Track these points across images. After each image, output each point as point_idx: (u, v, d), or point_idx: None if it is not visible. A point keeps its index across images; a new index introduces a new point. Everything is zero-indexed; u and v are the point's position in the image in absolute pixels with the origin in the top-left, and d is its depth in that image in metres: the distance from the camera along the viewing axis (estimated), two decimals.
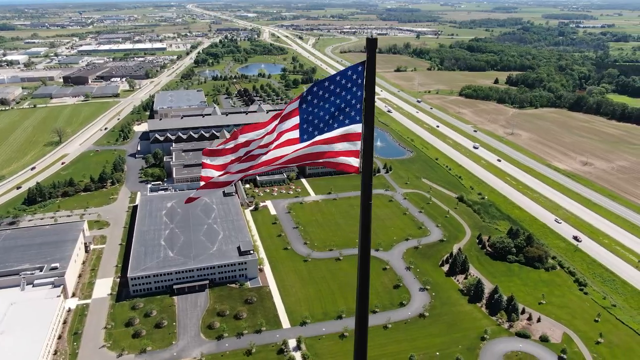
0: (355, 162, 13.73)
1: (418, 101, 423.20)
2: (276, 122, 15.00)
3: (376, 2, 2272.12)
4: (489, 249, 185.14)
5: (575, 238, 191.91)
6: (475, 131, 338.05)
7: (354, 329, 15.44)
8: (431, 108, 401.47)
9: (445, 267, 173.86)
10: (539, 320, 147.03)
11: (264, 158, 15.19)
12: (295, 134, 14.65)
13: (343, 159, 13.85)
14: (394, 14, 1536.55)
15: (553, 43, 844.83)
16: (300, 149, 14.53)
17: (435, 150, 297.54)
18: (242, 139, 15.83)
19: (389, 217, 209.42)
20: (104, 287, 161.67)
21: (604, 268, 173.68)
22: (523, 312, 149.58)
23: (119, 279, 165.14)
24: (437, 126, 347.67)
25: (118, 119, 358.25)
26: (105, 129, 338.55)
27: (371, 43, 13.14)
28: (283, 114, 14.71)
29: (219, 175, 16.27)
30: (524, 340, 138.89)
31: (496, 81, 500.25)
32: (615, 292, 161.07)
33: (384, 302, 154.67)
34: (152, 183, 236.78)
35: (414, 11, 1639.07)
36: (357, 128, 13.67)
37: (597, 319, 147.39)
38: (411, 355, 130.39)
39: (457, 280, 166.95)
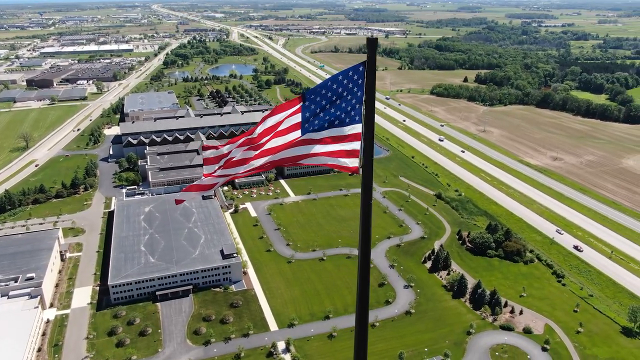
0: (355, 162, 13.70)
1: (387, 98, 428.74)
2: (276, 120, 14.68)
3: (343, 2, 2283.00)
4: (469, 245, 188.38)
5: (558, 231, 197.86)
6: (441, 126, 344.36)
7: (354, 328, 15.39)
8: (400, 104, 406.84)
9: (428, 264, 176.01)
10: (521, 312, 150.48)
11: (265, 158, 14.93)
12: (297, 133, 14.51)
13: (343, 159, 13.77)
14: (362, 14, 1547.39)
15: (517, 42, 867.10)
16: (300, 147, 14.44)
17: (410, 149, 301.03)
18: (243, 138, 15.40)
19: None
20: (83, 296, 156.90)
21: (580, 260, 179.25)
22: (506, 305, 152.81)
23: (98, 287, 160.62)
24: (404, 120, 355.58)
25: (91, 120, 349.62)
26: (78, 129, 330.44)
27: (371, 43, 12.98)
28: (285, 113, 14.48)
29: (221, 174, 16.06)
30: (509, 333, 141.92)
31: (465, 80, 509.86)
32: (591, 283, 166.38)
33: (370, 300, 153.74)
34: (128, 188, 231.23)
35: (381, 11, 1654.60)
36: (358, 128, 13.69)
37: (576, 309, 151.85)
38: (400, 353, 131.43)
39: (440, 277, 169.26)
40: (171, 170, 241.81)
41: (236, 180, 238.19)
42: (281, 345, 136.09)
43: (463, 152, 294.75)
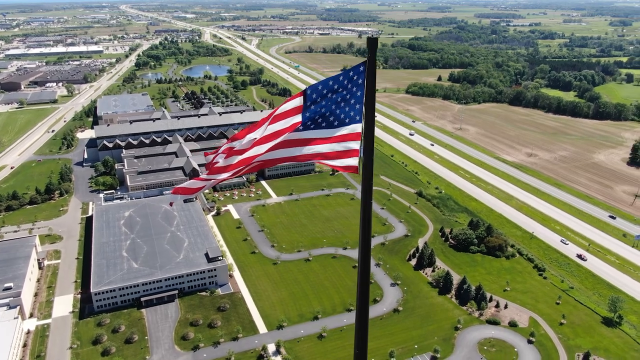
0: (354, 161, 13.68)
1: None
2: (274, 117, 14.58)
3: (315, 2, 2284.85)
4: (452, 241, 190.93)
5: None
6: (413, 121, 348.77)
7: (355, 327, 15.33)
8: (376, 102, 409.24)
9: (413, 262, 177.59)
10: (506, 306, 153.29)
11: (265, 157, 14.83)
12: (297, 133, 14.51)
13: (343, 159, 13.78)
14: (334, 14, 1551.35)
15: (487, 41, 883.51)
16: (300, 147, 14.43)
17: (389, 147, 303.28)
18: (246, 138, 15.20)
19: (353, 215, 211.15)
20: (64, 304, 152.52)
21: (559, 253, 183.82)
22: (491, 300, 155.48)
23: (79, 295, 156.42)
24: (382, 120, 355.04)
25: (65, 121, 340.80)
26: (53, 130, 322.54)
27: (372, 43, 12.96)
28: (285, 112, 14.46)
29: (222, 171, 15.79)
30: (495, 327, 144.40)
31: (439, 78, 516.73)
32: (571, 275, 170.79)
33: None
34: (105, 192, 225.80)
35: (353, 11, 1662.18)
36: (357, 128, 13.71)
37: (558, 301, 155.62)
38: (391, 351, 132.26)
39: (426, 274, 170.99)
40: (150, 173, 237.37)
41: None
42: (271, 347, 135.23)
43: (432, 145, 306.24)
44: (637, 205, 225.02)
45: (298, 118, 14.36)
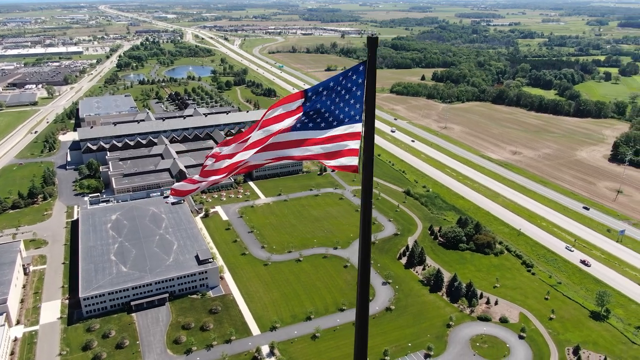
0: (354, 161, 13.63)
1: None
2: (281, 111, 14.80)
3: (297, 3, 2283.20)
4: (441, 239, 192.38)
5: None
6: (395, 118, 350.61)
7: (355, 327, 15.01)
8: None
9: (403, 260, 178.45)
10: (496, 303, 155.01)
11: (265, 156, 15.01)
12: (296, 133, 14.55)
13: (343, 159, 13.79)
14: (316, 14, 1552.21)
15: (468, 40, 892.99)
16: (295, 141, 14.46)
17: (376, 147, 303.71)
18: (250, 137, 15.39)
19: (342, 215, 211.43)
20: (51, 310, 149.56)
21: (546, 249, 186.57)
22: (481, 296, 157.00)
23: (67, 301, 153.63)
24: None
25: (47, 122, 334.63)
26: (35, 132, 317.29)
27: (372, 42, 12.92)
28: (285, 112, 14.64)
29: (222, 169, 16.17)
30: (486, 324, 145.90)
31: (423, 78, 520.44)
32: (558, 271, 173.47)
33: (351, 299, 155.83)
34: (91, 195, 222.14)
35: (335, 11, 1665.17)
36: (357, 127, 13.72)
37: (547, 297, 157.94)
38: (385, 350, 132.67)
39: (416, 272, 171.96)
40: (136, 175, 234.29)
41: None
42: (265, 349, 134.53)
43: (413, 141, 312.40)
44: (620, 201, 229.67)
45: (296, 118, 14.45)
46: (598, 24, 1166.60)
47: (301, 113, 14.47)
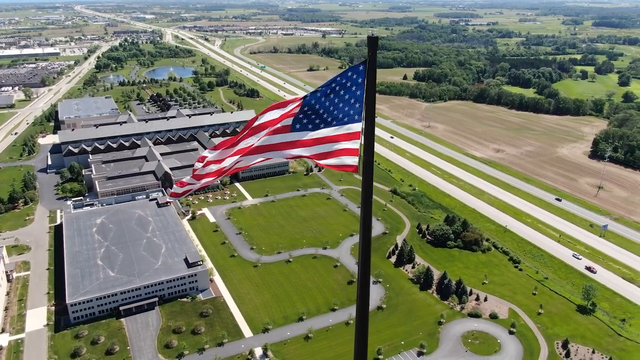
0: (354, 160, 13.69)
1: None
2: (272, 117, 15.07)
3: (276, 3, 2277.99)
4: (429, 237, 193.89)
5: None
6: (373, 115, 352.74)
7: (355, 328, 15.19)
8: None
9: (393, 259, 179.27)
10: (485, 299, 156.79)
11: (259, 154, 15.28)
12: (295, 134, 14.69)
13: (342, 158, 13.82)
14: (296, 14, 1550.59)
15: (448, 40, 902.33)
16: (294, 142, 14.55)
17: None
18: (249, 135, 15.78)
19: (330, 215, 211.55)
20: (37, 318, 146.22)
21: (532, 245, 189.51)
22: (471, 293, 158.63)
23: (54, 307, 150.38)
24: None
25: (27, 123, 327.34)
26: (16, 133, 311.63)
27: (372, 42, 13.01)
28: (283, 113, 14.80)
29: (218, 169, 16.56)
30: (477, 320, 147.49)
31: (405, 77, 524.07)
32: (544, 266, 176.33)
33: (342, 298, 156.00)
34: (73, 199, 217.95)
35: (315, 11, 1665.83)
36: (357, 127, 13.76)
37: (534, 292, 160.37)
38: (379, 348, 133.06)
39: (406, 270, 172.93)
40: (120, 178, 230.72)
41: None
42: (258, 351, 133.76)
43: (392, 137, 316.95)
44: (601, 196, 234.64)
45: (295, 119, 14.53)
46: (573, 23, 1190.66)
47: (300, 113, 14.52)
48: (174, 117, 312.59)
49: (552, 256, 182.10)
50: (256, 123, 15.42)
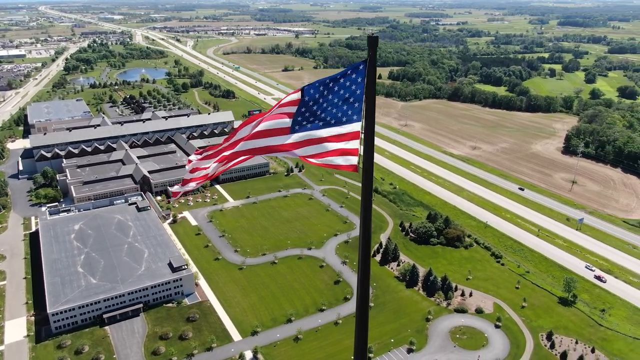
0: (354, 160, 13.82)
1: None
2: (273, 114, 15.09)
3: (247, 3, 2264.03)
4: (412, 235, 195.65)
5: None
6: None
7: (355, 327, 15.36)
8: None
9: (378, 257, 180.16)
10: (470, 294, 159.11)
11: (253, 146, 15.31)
12: (287, 122, 14.71)
13: (342, 158, 13.93)
14: (268, 14, 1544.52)
15: (420, 40, 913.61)
16: (294, 143, 14.54)
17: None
18: (238, 135, 15.84)
19: (313, 215, 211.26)
20: (17, 329, 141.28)
21: (512, 240, 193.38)
22: (456, 289, 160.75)
23: (33, 317, 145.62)
24: None
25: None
26: None
27: (372, 41, 13.06)
28: (281, 113, 14.76)
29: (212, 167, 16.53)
30: (463, 315, 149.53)
31: (379, 77, 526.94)
32: (525, 260, 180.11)
33: (329, 298, 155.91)
34: (49, 205, 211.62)
35: (287, 11, 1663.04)
36: (356, 127, 13.83)
37: (517, 286, 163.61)
38: (369, 347, 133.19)
39: (392, 268, 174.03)
40: (97, 183, 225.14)
41: (169, 189, 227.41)
42: (248, 354, 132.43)
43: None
44: (575, 191, 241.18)
45: (294, 120, 14.45)
46: (540, 23, 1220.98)
47: (298, 115, 14.39)
48: (149, 119, 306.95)
49: (532, 250, 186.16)
50: (253, 123, 15.32)
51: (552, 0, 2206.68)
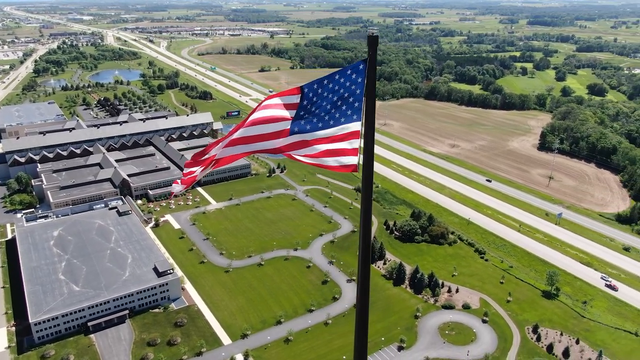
0: (354, 160, 13.74)
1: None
2: (268, 115, 14.99)
3: (220, 3, 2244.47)
4: (397, 233, 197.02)
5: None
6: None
7: (355, 327, 15.24)
8: None
9: None
10: (457, 291, 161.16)
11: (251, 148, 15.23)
12: (287, 124, 14.65)
13: (341, 159, 13.85)
14: (241, 14, 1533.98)
15: (394, 39, 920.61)
16: (294, 144, 14.49)
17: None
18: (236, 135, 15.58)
19: (297, 216, 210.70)
20: None
21: (495, 236, 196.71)
22: (442, 286, 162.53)
23: (14, 327, 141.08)
24: None
25: None
26: None
27: (372, 41, 13.03)
28: (279, 115, 14.69)
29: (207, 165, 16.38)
30: (451, 311, 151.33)
31: None
32: (508, 255, 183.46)
33: (318, 299, 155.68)
34: (25, 212, 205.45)
35: (261, 11, 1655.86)
36: (356, 126, 13.75)
37: (501, 281, 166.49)
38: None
39: (378, 267, 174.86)
40: (74, 187, 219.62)
41: (150, 192, 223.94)
42: (239, 358, 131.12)
43: None
44: (552, 186, 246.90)
45: (293, 121, 14.39)
46: (510, 22, 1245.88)
47: (297, 116, 14.34)
48: (126, 121, 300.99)
49: (514, 245, 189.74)
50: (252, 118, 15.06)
51: (521, 0, 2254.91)
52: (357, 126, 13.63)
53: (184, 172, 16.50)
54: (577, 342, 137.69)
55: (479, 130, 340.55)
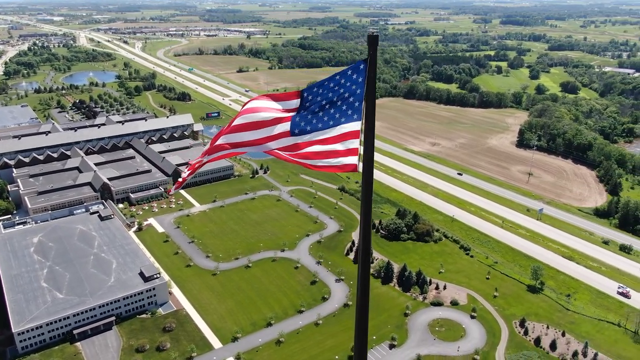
0: (354, 160, 13.76)
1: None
2: (267, 116, 15.06)
3: (194, 3, 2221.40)
4: (383, 232, 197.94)
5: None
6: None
7: (354, 328, 15.28)
8: None
9: (351, 255, 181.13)
10: (445, 287, 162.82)
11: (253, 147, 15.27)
12: (287, 126, 14.71)
13: (342, 158, 13.86)
14: (216, 14, 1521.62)
15: None
16: (293, 145, 14.57)
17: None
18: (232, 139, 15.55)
19: (283, 217, 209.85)
20: None
21: (479, 232, 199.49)
22: (430, 283, 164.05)
23: None
24: None
25: None
26: None
27: (372, 40, 13.04)
28: (279, 117, 14.74)
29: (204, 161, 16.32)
30: (440, 308, 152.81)
31: None
32: (493, 251, 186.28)
33: (307, 299, 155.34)
34: (1, 218, 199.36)
35: (236, 12, 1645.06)
36: (356, 126, 13.74)
37: (487, 276, 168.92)
38: (352, 346, 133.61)
39: None
40: (53, 192, 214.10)
41: (132, 196, 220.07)
42: None
43: None
44: (532, 182, 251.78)
45: (292, 122, 14.43)
46: (483, 22, 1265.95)
47: (297, 117, 14.35)
48: (104, 124, 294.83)
49: (498, 241, 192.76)
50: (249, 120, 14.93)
51: (493, 0, 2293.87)
52: (357, 126, 13.59)
53: (191, 163, 16.16)
54: (563, 334, 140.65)
55: (459, 129, 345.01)
